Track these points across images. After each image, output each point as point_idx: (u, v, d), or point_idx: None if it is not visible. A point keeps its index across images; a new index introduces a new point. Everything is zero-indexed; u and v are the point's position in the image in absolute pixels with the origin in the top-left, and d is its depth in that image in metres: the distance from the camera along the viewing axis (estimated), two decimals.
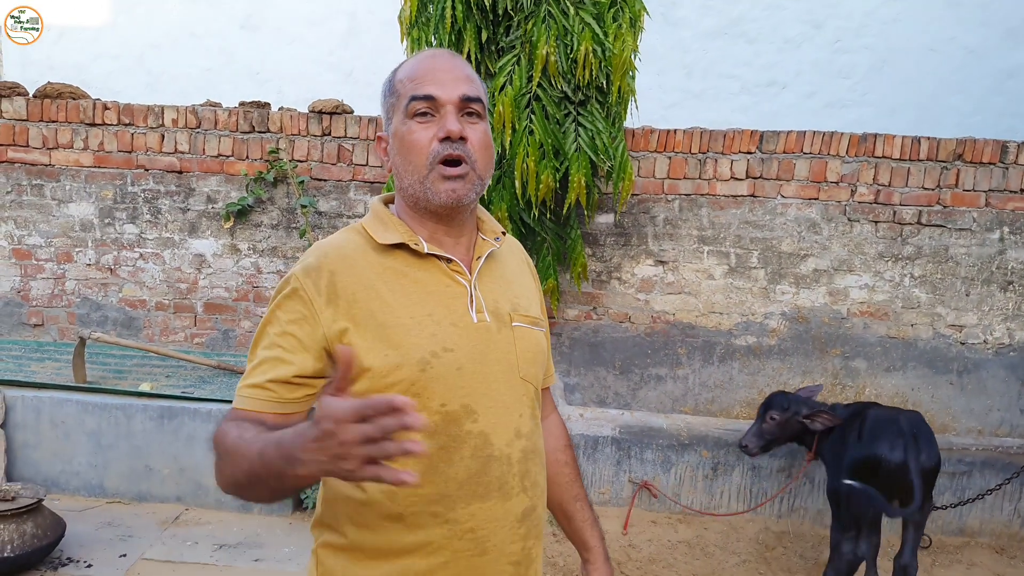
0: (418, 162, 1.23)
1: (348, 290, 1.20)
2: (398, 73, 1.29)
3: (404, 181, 1.27)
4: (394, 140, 1.28)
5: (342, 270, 1.22)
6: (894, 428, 3.19)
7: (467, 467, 1.22)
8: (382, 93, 1.32)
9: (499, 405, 1.26)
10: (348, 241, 1.28)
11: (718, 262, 4.52)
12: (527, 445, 1.30)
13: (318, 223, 4.68)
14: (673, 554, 3.76)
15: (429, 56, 1.28)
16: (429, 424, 1.18)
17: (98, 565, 3.29)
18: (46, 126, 4.66)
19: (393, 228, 1.28)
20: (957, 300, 4.43)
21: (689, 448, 4.11)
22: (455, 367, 1.21)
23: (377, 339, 1.18)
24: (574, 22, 3.63)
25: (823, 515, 4.06)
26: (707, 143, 4.40)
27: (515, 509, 1.27)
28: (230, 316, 4.81)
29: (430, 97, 1.22)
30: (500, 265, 1.37)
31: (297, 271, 1.23)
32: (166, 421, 3.86)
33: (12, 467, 3.88)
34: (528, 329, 1.34)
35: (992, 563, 3.84)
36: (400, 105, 1.26)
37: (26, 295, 4.85)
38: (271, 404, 1.19)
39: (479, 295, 1.28)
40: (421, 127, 1.23)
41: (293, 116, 4.60)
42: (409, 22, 3.84)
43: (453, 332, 1.22)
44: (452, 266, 1.28)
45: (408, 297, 1.23)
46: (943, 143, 4.30)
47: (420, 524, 1.21)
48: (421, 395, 1.18)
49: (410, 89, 1.24)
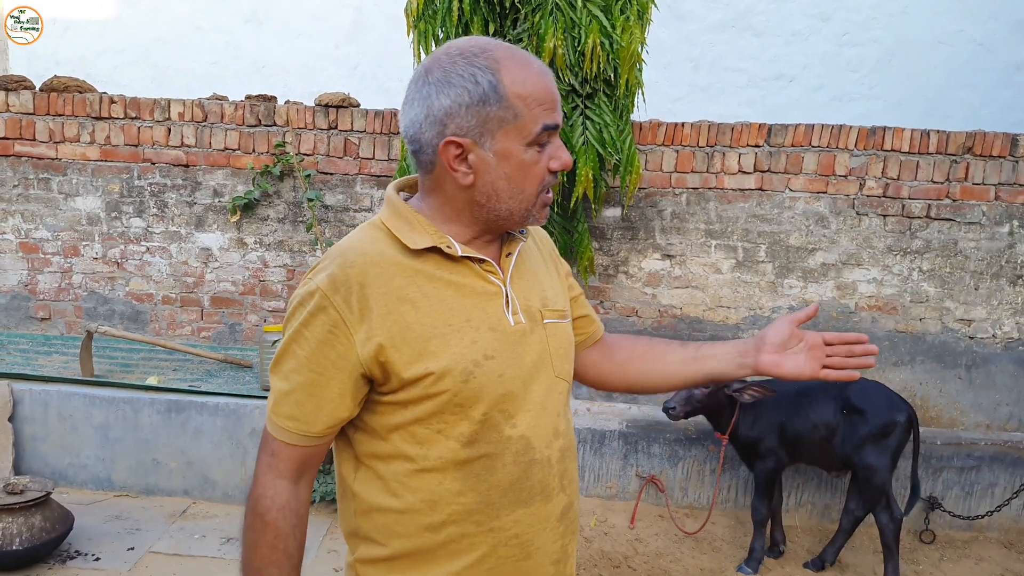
0: (532, 192, 1.18)
1: (380, 302, 1.13)
2: (506, 80, 1.12)
3: (501, 205, 1.18)
4: (500, 160, 1.15)
5: (372, 280, 1.14)
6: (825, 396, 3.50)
7: (510, 474, 1.19)
8: (461, 90, 1.12)
9: (537, 407, 1.22)
10: (372, 244, 1.19)
11: (726, 256, 4.50)
12: (564, 444, 1.27)
13: (324, 217, 4.67)
14: (680, 548, 3.75)
15: (541, 71, 1.16)
16: (470, 434, 1.17)
17: (106, 558, 3.29)
18: (53, 120, 4.66)
19: (420, 229, 1.19)
20: (966, 294, 4.41)
21: (696, 443, 4.10)
22: (496, 374, 1.16)
23: (416, 352, 1.13)
24: (581, 14, 3.62)
25: (831, 509, 4.05)
26: (715, 136, 4.38)
27: (556, 509, 1.25)
28: (237, 310, 4.81)
29: (557, 126, 1.16)
30: (527, 259, 1.32)
31: (323, 284, 1.14)
32: (173, 415, 3.87)
33: (20, 460, 3.89)
34: (558, 324, 1.30)
35: (1001, 558, 3.83)
36: (525, 128, 1.13)
37: (33, 289, 4.86)
38: (306, 439, 1.17)
39: (513, 295, 1.23)
40: (538, 155, 1.16)
41: (299, 110, 4.59)
42: (416, 15, 3.82)
43: (492, 338, 1.17)
44: (485, 266, 1.22)
45: (443, 303, 1.16)
46: (952, 136, 4.27)
47: (463, 533, 1.18)
48: (464, 405, 1.14)
49: (540, 115, 1.14)
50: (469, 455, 1.16)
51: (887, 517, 3.40)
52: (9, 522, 3.04)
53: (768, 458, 3.54)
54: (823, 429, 3.46)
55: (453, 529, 1.18)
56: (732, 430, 3.58)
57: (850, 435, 3.39)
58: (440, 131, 1.14)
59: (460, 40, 1.19)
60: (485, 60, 1.13)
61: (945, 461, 4.04)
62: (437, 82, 1.14)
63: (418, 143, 1.18)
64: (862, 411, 3.38)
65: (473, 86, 1.12)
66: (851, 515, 3.57)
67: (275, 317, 4.77)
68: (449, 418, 1.15)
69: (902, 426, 3.39)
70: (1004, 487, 4.04)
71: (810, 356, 1.36)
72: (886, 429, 3.37)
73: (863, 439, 3.37)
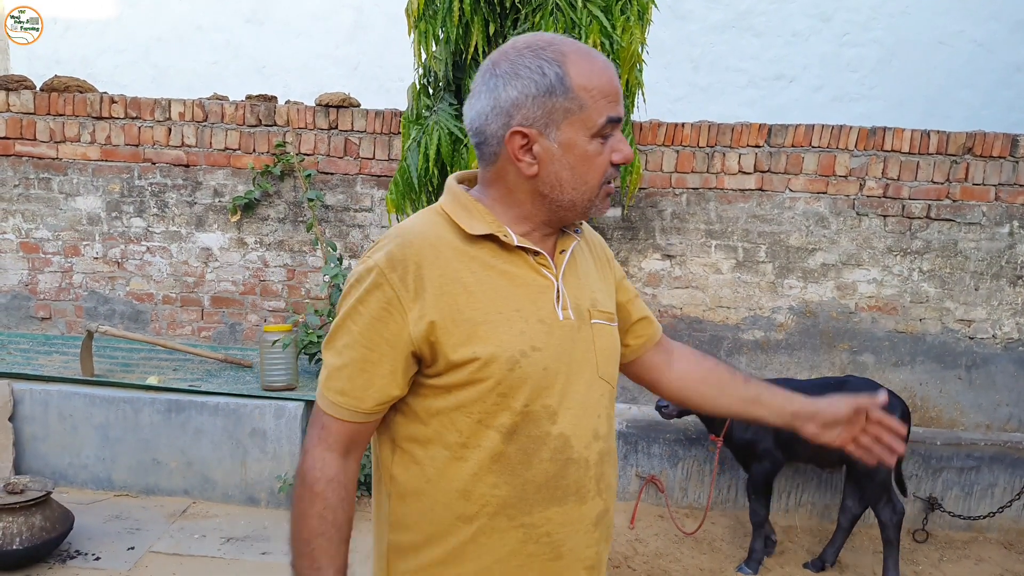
0: (595, 183, 1.19)
1: (435, 283, 1.15)
2: (573, 73, 1.15)
3: (564, 195, 1.20)
4: (564, 151, 1.17)
5: (428, 261, 1.16)
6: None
7: (545, 470, 1.19)
8: (528, 81, 1.16)
9: (579, 406, 1.22)
10: (432, 227, 1.21)
11: (726, 256, 4.50)
12: (604, 447, 1.27)
13: (325, 217, 4.67)
14: (680, 548, 3.76)
15: (606, 65, 1.19)
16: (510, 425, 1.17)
17: (106, 558, 3.30)
18: (53, 119, 4.66)
19: (479, 217, 1.21)
20: (966, 295, 4.41)
21: (696, 443, 4.10)
22: (541, 367, 1.17)
23: (465, 336, 1.14)
24: (582, 15, 3.61)
25: (830, 510, 4.05)
26: (715, 137, 4.38)
27: (590, 513, 1.24)
28: (237, 310, 4.81)
29: (620, 119, 1.18)
30: (580, 258, 1.33)
31: (380, 262, 1.16)
32: (174, 414, 3.87)
33: (20, 460, 3.90)
34: (605, 326, 1.30)
35: (1001, 558, 3.83)
36: (589, 119, 1.16)
37: (34, 288, 4.86)
38: (356, 415, 1.18)
39: (564, 291, 1.24)
40: (603, 148, 1.18)
41: (300, 110, 4.60)
42: (416, 15, 3.82)
43: (541, 330, 1.18)
44: (539, 259, 1.23)
45: (496, 291, 1.18)
46: (952, 137, 4.28)
47: (494, 527, 1.19)
48: (507, 395, 1.15)
49: (604, 107, 1.16)
50: (507, 448, 1.17)
51: (889, 512, 3.42)
52: (9, 522, 3.04)
53: (764, 460, 3.54)
54: None
55: (485, 522, 1.18)
56: (727, 432, 3.59)
57: None
58: (506, 122, 1.17)
59: (526, 35, 1.21)
60: (552, 53, 1.16)
61: (945, 461, 4.04)
62: (504, 74, 1.17)
63: (483, 135, 1.21)
64: None
65: (540, 77, 1.15)
66: (849, 513, 3.57)
67: (275, 317, 4.77)
68: (491, 407, 1.15)
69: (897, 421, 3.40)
70: (1004, 487, 4.04)
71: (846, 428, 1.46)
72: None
73: None
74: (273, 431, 3.85)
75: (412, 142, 3.79)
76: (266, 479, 3.88)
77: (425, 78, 3.93)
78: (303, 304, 4.71)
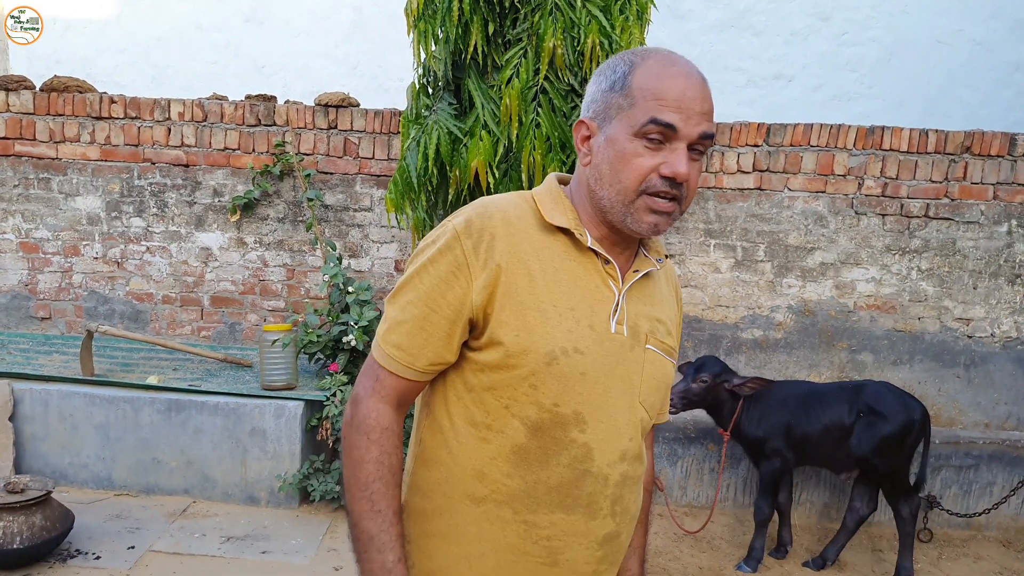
0: (629, 185, 1.14)
1: (504, 257, 1.16)
2: (638, 73, 1.15)
3: (602, 191, 1.18)
4: (607, 144, 1.17)
5: (503, 235, 1.17)
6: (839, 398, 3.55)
7: (560, 475, 1.18)
8: (604, 77, 1.19)
9: (611, 422, 1.20)
10: (515, 207, 1.22)
11: (724, 255, 4.51)
12: (628, 471, 1.24)
13: (324, 216, 4.68)
14: (679, 546, 3.76)
15: (683, 74, 1.15)
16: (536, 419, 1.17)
17: (106, 557, 3.30)
18: (53, 120, 4.66)
19: (563, 211, 1.22)
20: (964, 293, 4.42)
21: (695, 441, 4.11)
22: (580, 371, 1.16)
23: (514, 316, 1.15)
24: (581, 14, 3.62)
25: (830, 509, 4.06)
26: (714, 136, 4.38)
27: (598, 530, 1.23)
28: (236, 309, 4.82)
29: (671, 127, 1.12)
30: (653, 285, 1.31)
31: (459, 225, 1.18)
32: (173, 414, 3.87)
33: (21, 459, 3.90)
34: (660, 356, 1.28)
35: (999, 556, 3.84)
36: (634, 117, 1.13)
37: (33, 288, 4.86)
38: (409, 371, 1.19)
39: (624, 306, 1.22)
40: (648, 152, 1.13)
41: (299, 109, 4.60)
42: (416, 15, 3.82)
43: (589, 335, 1.17)
44: (609, 268, 1.22)
45: (558, 284, 1.18)
46: (951, 136, 4.28)
47: (499, 515, 1.20)
48: (538, 388, 1.15)
49: (652, 108, 1.12)
50: (529, 442, 1.17)
51: (908, 508, 3.47)
52: (10, 521, 3.05)
53: (774, 458, 3.55)
54: (836, 431, 3.47)
55: (491, 508, 1.19)
56: (735, 426, 3.59)
57: (868, 436, 3.41)
58: (584, 113, 1.23)
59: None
60: (635, 56, 1.18)
61: (944, 460, 4.05)
62: (597, 72, 1.22)
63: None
64: (880, 413, 3.40)
65: (611, 74, 1.18)
66: (856, 514, 3.58)
67: (275, 316, 4.78)
68: (520, 396, 1.16)
69: (918, 423, 3.47)
70: (1002, 485, 4.06)
71: None
72: (906, 428, 3.42)
73: (884, 440, 3.40)
74: (273, 430, 3.85)
75: (411, 142, 3.79)
76: (266, 478, 3.88)
77: (424, 78, 3.93)
78: (303, 304, 4.72)
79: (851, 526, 3.61)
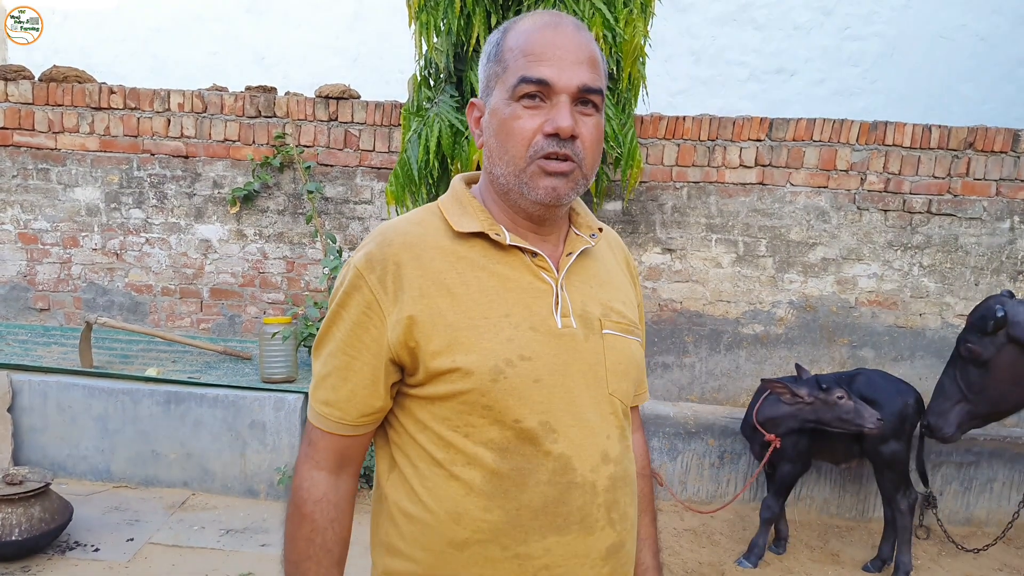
0: (516, 153, 1.06)
1: (415, 284, 1.06)
2: (508, 37, 1.09)
3: (496, 168, 1.10)
4: (491, 118, 1.10)
5: (408, 261, 1.08)
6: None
7: (543, 494, 1.06)
8: (484, 54, 1.12)
9: (583, 424, 1.09)
10: (417, 225, 1.13)
11: (726, 250, 4.50)
12: (616, 471, 1.13)
13: (324, 209, 4.66)
14: (679, 542, 3.76)
15: (550, 26, 1.07)
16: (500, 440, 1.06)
17: (105, 549, 3.29)
18: (52, 110, 4.64)
19: (472, 214, 1.12)
20: (966, 290, 4.41)
21: (696, 436, 4.10)
22: (532, 379, 1.06)
23: (445, 343, 1.04)
24: (584, 7, 3.60)
25: (829, 504, 4.06)
26: (716, 130, 4.37)
27: (599, 545, 1.10)
28: (236, 301, 4.80)
29: (543, 82, 1.04)
30: (594, 263, 1.21)
31: (359, 262, 1.09)
32: (172, 406, 3.86)
33: (19, 451, 3.89)
34: (620, 337, 1.17)
35: (999, 553, 3.84)
36: (506, 80, 1.07)
37: (32, 279, 4.85)
38: (342, 427, 1.12)
39: (566, 296, 1.12)
40: (527, 113, 1.05)
41: (300, 101, 4.58)
42: (417, 6, 3.80)
43: (532, 338, 1.07)
44: (538, 261, 1.12)
45: (484, 294, 1.07)
46: (954, 131, 4.27)
47: (487, 556, 1.06)
48: (493, 408, 1.05)
49: (521, 66, 1.05)
50: (500, 467, 1.06)
51: (906, 501, 3.46)
52: (8, 512, 3.04)
53: (797, 461, 3.52)
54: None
55: (477, 550, 1.06)
56: (759, 426, 3.51)
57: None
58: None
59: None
60: (510, 22, 1.12)
61: (944, 456, 4.05)
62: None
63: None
64: (874, 401, 3.39)
65: (488, 46, 1.13)
66: (895, 505, 3.55)
67: (274, 309, 4.76)
68: (477, 420, 1.06)
69: (913, 408, 3.47)
70: (1003, 483, 4.05)
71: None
72: (902, 414, 3.42)
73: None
74: (272, 423, 3.84)
75: (412, 134, 3.77)
76: (265, 471, 3.88)
77: (426, 70, 3.91)
78: (302, 296, 4.70)
79: (891, 518, 3.55)
